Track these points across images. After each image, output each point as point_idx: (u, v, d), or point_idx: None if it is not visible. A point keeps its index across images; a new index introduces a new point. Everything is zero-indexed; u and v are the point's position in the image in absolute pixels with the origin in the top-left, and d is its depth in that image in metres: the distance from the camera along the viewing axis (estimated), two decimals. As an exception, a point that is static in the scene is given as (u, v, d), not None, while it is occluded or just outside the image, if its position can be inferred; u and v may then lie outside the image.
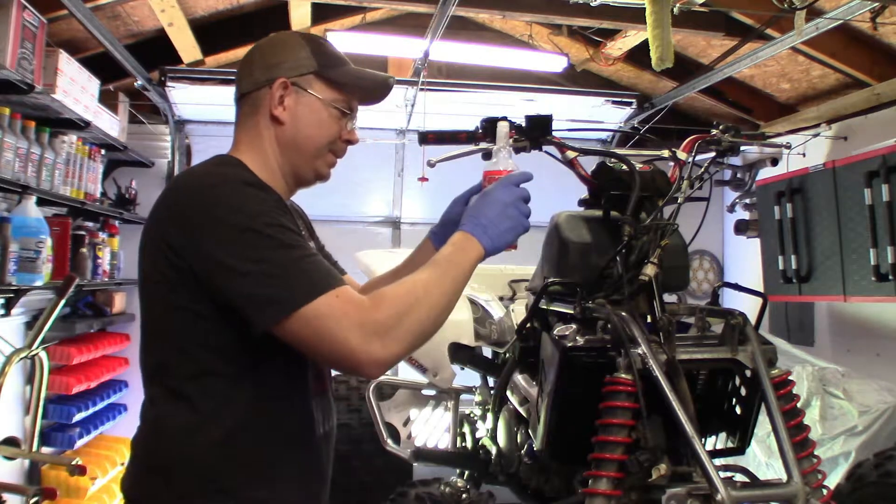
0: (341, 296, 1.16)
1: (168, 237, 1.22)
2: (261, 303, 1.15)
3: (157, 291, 1.26)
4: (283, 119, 1.35)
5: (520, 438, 2.31)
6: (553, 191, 3.06)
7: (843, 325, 4.09)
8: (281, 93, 1.34)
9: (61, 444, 3.53)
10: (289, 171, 1.39)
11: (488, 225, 1.32)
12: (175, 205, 1.25)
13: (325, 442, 1.39)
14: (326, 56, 1.38)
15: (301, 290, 1.15)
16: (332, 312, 1.14)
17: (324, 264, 1.21)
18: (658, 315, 1.63)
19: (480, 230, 1.32)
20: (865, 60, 3.67)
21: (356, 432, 3.40)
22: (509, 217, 1.34)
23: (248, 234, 1.17)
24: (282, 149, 1.37)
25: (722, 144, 1.91)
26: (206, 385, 1.24)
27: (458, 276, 1.27)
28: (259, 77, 1.36)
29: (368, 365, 1.16)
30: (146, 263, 1.27)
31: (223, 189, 1.22)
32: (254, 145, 1.37)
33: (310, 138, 1.37)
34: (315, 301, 1.14)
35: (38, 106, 2.99)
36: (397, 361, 1.22)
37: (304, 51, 1.37)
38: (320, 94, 1.36)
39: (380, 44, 4.02)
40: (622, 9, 3.24)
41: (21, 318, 3.27)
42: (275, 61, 1.36)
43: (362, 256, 3.15)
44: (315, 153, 1.39)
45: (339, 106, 1.38)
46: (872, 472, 2.37)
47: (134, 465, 1.32)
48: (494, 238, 1.32)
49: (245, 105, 1.39)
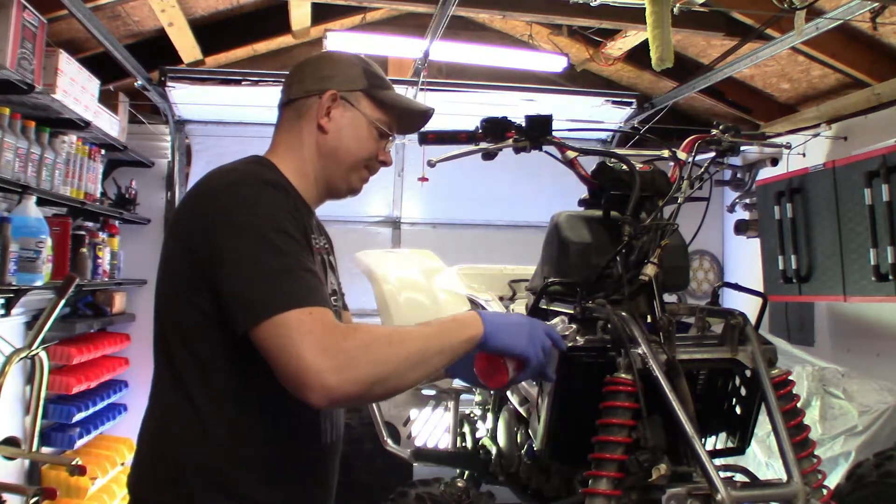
0: (315, 314, 1.14)
1: (188, 231, 1.24)
2: (242, 304, 1.16)
3: (172, 286, 1.27)
4: (327, 129, 1.40)
5: (520, 438, 2.30)
6: (553, 191, 3.08)
7: (843, 325, 4.09)
8: (329, 104, 1.40)
9: (61, 444, 3.53)
10: (322, 180, 1.42)
11: (502, 325, 1.33)
12: (197, 199, 1.28)
13: (330, 451, 1.39)
14: (376, 77, 1.45)
15: (279, 298, 1.14)
16: (299, 327, 1.12)
17: (310, 282, 1.19)
18: (658, 315, 1.63)
19: (491, 320, 1.32)
20: (865, 60, 3.67)
21: (356, 432, 3.39)
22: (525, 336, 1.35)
23: (251, 233, 1.18)
24: (320, 157, 1.41)
25: (722, 144, 1.91)
26: (214, 385, 1.24)
27: (443, 344, 1.24)
28: (310, 86, 1.41)
29: (315, 389, 1.10)
30: (167, 257, 1.29)
31: (241, 186, 1.25)
32: (293, 150, 1.41)
33: (349, 151, 1.42)
34: (287, 312, 1.12)
35: (38, 106, 2.99)
36: (347, 400, 1.14)
37: (356, 69, 1.43)
38: (366, 111, 1.42)
39: (380, 44, 4.02)
40: (622, 9, 3.24)
41: (21, 318, 3.28)
42: (328, 73, 1.42)
43: (362, 256, 3.14)
44: (351, 166, 1.43)
45: (381, 126, 1.43)
46: (872, 472, 2.37)
47: (140, 463, 1.33)
48: (500, 336, 1.31)
49: (290, 111, 1.44)
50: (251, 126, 4.45)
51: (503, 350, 1.33)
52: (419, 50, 3.69)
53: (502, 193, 4.89)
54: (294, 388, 1.12)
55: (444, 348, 1.24)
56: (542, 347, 1.37)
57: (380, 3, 3.64)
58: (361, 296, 3.09)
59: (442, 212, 5.03)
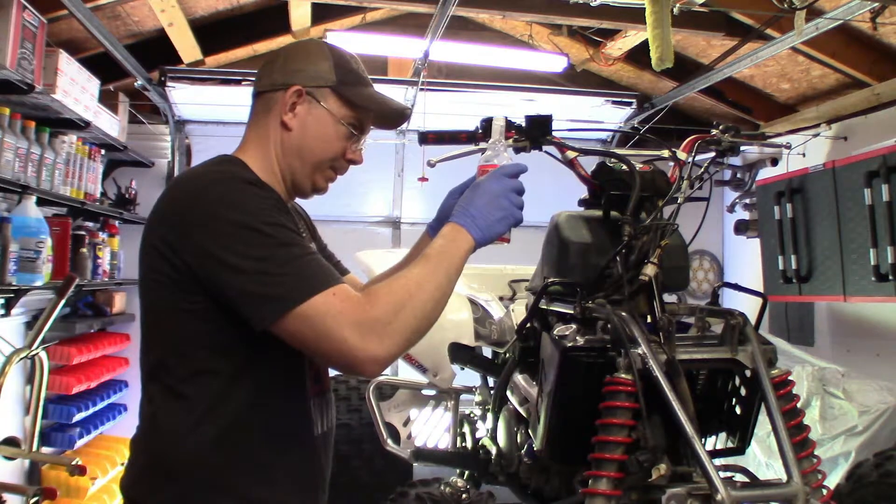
0: (338, 293, 1.16)
1: (166, 235, 1.22)
2: (259, 301, 1.15)
3: (155, 290, 1.26)
4: (290, 126, 1.35)
5: (520, 438, 2.31)
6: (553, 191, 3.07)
7: (843, 325, 4.09)
8: (294, 100, 1.35)
9: (61, 444, 3.53)
10: (288, 177, 1.39)
11: (478, 216, 1.32)
12: (173, 202, 1.26)
13: (322, 442, 1.39)
14: (348, 73, 1.38)
15: (299, 288, 1.15)
16: (329, 310, 1.14)
17: (321, 263, 1.21)
18: (658, 315, 1.63)
19: (470, 220, 1.31)
20: (865, 60, 3.67)
21: (356, 432, 3.39)
22: (500, 208, 1.33)
23: (246, 232, 1.17)
24: (285, 154, 1.37)
25: (722, 144, 1.91)
26: (203, 384, 1.24)
27: (450, 269, 1.27)
28: (277, 79, 1.37)
29: (367, 363, 1.15)
30: (145, 261, 1.27)
31: (221, 186, 1.23)
32: (260, 145, 1.38)
33: (313, 150, 1.37)
34: (312, 299, 1.14)
35: (38, 106, 2.99)
36: (396, 358, 1.20)
37: (325, 63, 1.37)
38: (332, 109, 1.36)
39: (380, 44, 4.02)
40: (622, 9, 3.24)
41: (21, 318, 3.27)
42: (295, 67, 1.36)
43: (362, 256, 3.15)
44: (316, 166, 1.39)
45: (349, 125, 1.38)
46: (872, 472, 2.37)
47: (133, 465, 1.32)
48: (484, 229, 1.32)
49: (259, 104, 1.40)
50: (251, 126, 4.45)
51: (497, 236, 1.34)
52: (419, 50, 3.69)
53: (502, 193, 4.88)
54: (343, 367, 1.18)
55: (451, 272, 1.27)
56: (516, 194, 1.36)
57: (380, 3, 3.64)
58: (361, 296, 3.09)
59: (441, 210, 5.02)
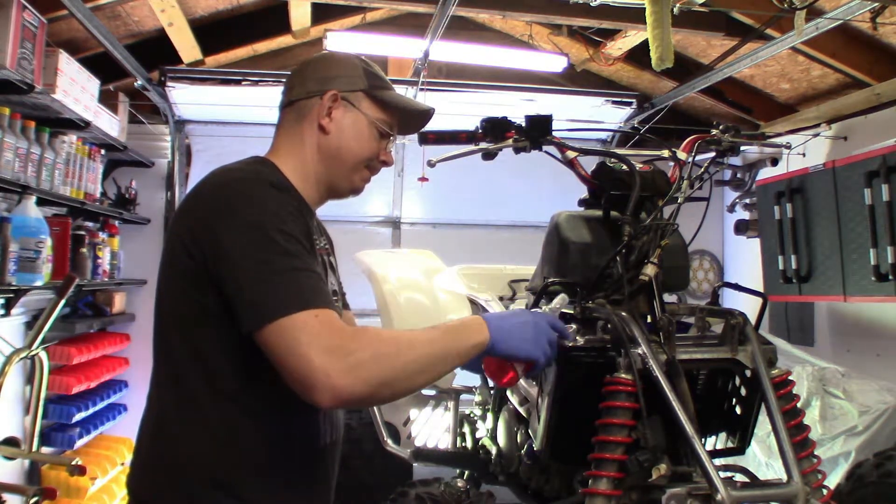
0: (321, 316, 1.15)
1: (190, 228, 1.24)
2: (247, 304, 1.16)
3: (173, 283, 1.27)
4: (328, 129, 1.40)
5: (520, 438, 2.30)
6: (553, 191, 3.08)
7: (843, 325, 4.08)
8: (331, 104, 1.40)
9: (61, 444, 3.53)
10: (324, 180, 1.43)
11: (507, 327, 1.32)
12: (200, 196, 1.28)
13: (329, 453, 1.40)
14: (376, 77, 1.46)
15: (286, 300, 1.14)
16: (306, 328, 1.12)
17: (316, 283, 1.20)
18: (658, 315, 1.63)
19: (497, 323, 1.32)
20: (865, 60, 3.67)
21: (356, 432, 3.39)
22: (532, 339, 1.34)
23: (256, 232, 1.19)
24: (322, 157, 1.41)
25: (722, 144, 1.91)
26: (213, 384, 1.24)
27: (450, 347, 1.25)
28: (312, 87, 1.42)
29: (324, 390, 1.10)
30: (168, 253, 1.29)
31: (246, 184, 1.26)
32: (294, 151, 1.41)
33: (351, 151, 1.42)
34: (295, 314, 1.13)
35: (38, 106, 2.99)
36: (357, 400, 1.14)
37: (357, 69, 1.44)
38: (367, 111, 1.43)
39: (380, 44, 4.02)
40: (622, 9, 3.24)
41: (21, 318, 3.27)
42: (329, 74, 1.42)
43: (362, 256, 3.14)
44: (354, 166, 1.44)
45: (382, 126, 1.44)
46: (872, 472, 2.37)
47: (140, 463, 1.32)
48: (506, 340, 1.31)
49: (291, 112, 1.44)
50: (251, 126, 4.45)
51: (510, 355, 1.34)
52: (419, 50, 3.69)
53: (502, 193, 4.89)
54: (302, 389, 1.13)
55: (451, 354, 1.25)
56: (549, 342, 1.38)
57: (380, 3, 3.64)
58: (361, 296, 3.09)
59: (442, 212, 5.03)
